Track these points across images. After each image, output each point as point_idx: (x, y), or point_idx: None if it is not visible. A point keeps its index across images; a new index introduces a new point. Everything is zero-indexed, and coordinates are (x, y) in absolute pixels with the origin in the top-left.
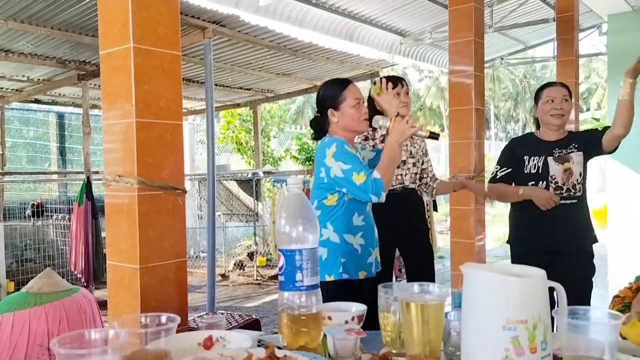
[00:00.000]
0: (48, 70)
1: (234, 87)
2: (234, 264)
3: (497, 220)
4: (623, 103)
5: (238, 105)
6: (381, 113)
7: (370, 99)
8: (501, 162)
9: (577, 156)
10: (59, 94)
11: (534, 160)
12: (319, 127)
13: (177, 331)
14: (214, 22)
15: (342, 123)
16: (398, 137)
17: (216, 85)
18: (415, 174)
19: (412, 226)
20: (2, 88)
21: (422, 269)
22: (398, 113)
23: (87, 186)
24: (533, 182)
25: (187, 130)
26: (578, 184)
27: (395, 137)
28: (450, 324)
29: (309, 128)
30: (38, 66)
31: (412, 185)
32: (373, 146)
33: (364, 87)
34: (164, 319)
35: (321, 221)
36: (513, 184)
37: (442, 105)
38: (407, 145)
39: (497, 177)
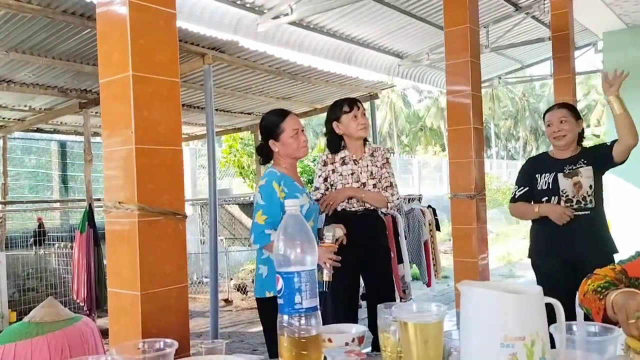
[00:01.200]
0: (50, 99)
1: (235, 112)
2: (235, 286)
3: (501, 239)
4: (620, 117)
5: (239, 130)
6: (340, 137)
7: (329, 122)
8: (519, 182)
9: (585, 170)
10: (61, 123)
11: (544, 177)
12: (264, 153)
13: (179, 358)
14: (214, 48)
15: (282, 151)
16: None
17: (217, 110)
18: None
19: (373, 245)
20: (4, 118)
21: (382, 285)
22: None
23: (89, 214)
24: (546, 198)
25: (189, 155)
26: (588, 195)
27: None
28: (450, 342)
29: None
30: (40, 96)
31: (373, 207)
32: (332, 170)
33: (366, 106)
34: (161, 344)
35: None
36: (532, 202)
37: (442, 125)
38: (367, 165)
39: (516, 196)
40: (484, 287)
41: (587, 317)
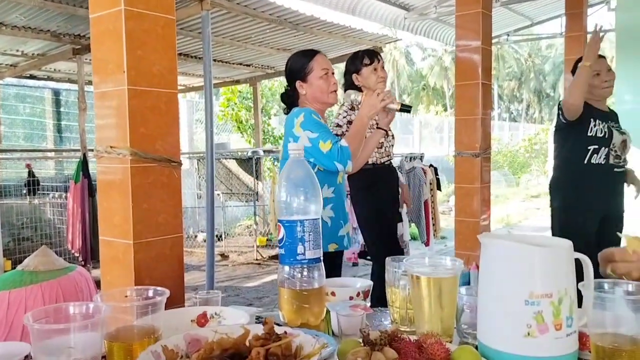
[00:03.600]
0: (43, 44)
1: (233, 63)
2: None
3: (500, 201)
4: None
5: (237, 82)
6: (359, 89)
7: (348, 73)
8: None
9: (627, 131)
10: (54, 70)
11: (600, 124)
12: (290, 100)
13: (173, 308)
14: None
15: (310, 94)
16: (369, 110)
17: (215, 61)
18: (393, 145)
19: (397, 196)
20: None
21: (396, 237)
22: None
23: (84, 163)
24: (595, 147)
25: (185, 108)
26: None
27: (366, 110)
28: (462, 300)
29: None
30: (32, 40)
31: (392, 157)
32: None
33: None
34: (151, 292)
35: None
36: (571, 144)
37: (445, 85)
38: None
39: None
40: (507, 239)
41: None
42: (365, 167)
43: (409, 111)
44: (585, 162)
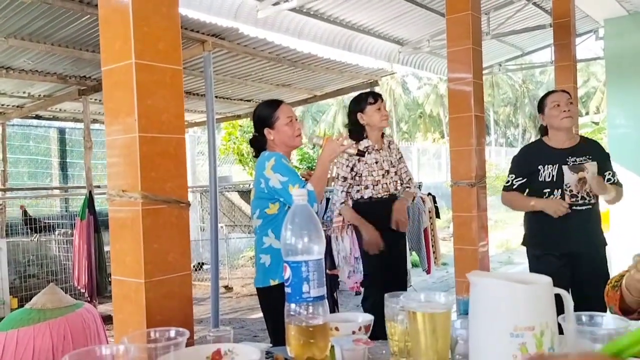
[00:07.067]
0: (49, 86)
1: (234, 99)
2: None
3: (500, 226)
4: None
5: (239, 117)
6: (363, 128)
7: (353, 113)
8: (517, 172)
9: (591, 166)
10: (60, 110)
11: (548, 168)
12: (258, 144)
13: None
14: (214, 35)
15: (277, 139)
16: (329, 154)
17: (216, 97)
18: (397, 181)
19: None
20: (3, 105)
21: (398, 268)
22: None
23: (89, 201)
24: (548, 190)
25: (188, 142)
26: (591, 191)
27: (326, 154)
28: (456, 332)
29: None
30: (39, 82)
31: (395, 192)
32: (358, 159)
33: None
34: (172, 333)
35: (263, 229)
36: (527, 191)
37: (441, 112)
38: (387, 155)
39: (515, 186)
40: (494, 277)
41: None
42: (362, 201)
43: (363, 155)
44: None
